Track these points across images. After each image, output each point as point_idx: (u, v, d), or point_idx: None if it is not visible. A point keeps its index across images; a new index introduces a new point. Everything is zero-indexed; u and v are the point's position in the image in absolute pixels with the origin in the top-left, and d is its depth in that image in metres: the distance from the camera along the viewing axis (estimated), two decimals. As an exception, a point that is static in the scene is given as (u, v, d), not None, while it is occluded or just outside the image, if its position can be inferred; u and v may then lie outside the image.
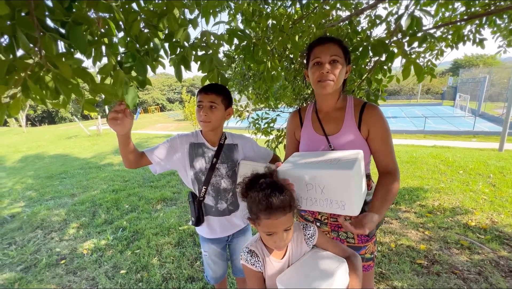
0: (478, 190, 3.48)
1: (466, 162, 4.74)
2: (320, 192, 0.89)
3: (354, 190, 0.85)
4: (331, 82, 1.02)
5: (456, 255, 2.23)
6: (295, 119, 1.25)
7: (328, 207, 0.90)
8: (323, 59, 1.01)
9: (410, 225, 2.74)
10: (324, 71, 1.00)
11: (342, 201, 0.87)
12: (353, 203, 0.86)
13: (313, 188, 0.90)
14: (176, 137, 1.30)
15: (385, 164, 1.06)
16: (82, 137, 11.80)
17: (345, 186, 0.85)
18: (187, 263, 2.36)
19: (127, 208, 3.63)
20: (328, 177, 0.87)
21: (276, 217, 0.77)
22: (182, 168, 1.31)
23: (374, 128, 1.05)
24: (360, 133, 1.07)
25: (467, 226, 2.66)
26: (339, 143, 1.08)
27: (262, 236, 0.85)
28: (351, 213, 0.87)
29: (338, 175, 0.85)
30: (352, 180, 0.84)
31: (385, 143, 1.05)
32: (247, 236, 1.48)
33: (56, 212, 3.65)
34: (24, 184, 5.15)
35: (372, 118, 1.05)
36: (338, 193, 0.87)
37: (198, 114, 1.23)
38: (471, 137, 10.48)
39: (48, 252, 2.69)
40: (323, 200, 0.90)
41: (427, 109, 20.51)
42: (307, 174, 0.91)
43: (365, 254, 1.14)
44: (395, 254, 2.29)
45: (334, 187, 0.87)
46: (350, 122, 1.08)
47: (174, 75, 1.27)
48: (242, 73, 2.75)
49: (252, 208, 0.81)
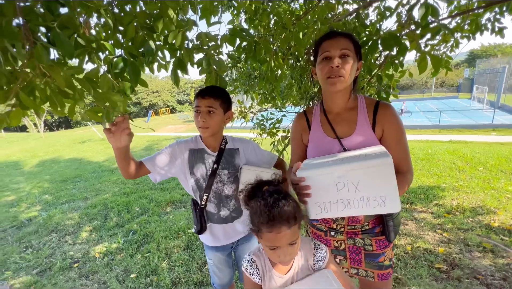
0: (500, 188, 3.28)
1: (486, 157, 4.49)
2: (354, 190, 0.78)
3: (394, 180, 0.75)
4: (342, 79, 0.93)
5: (478, 259, 2.10)
6: (302, 122, 1.15)
7: (365, 207, 0.78)
8: (333, 53, 0.93)
9: (427, 226, 2.61)
10: (333, 65, 0.92)
11: (382, 196, 0.76)
12: (395, 197, 0.75)
13: (345, 186, 0.79)
14: (175, 144, 1.26)
15: (397, 165, 0.97)
16: (95, 141, 12.14)
17: (385, 176, 0.74)
18: (196, 267, 2.34)
19: (137, 210, 3.67)
20: (364, 169, 0.76)
21: (279, 230, 0.70)
22: (182, 175, 1.27)
23: (388, 128, 0.98)
24: (375, 134, 0.99)
25: (490, 227, 2.50)
26: (353, 146, 1.00)
27: (265, 249, 0.79)
28: (393, 209, 0.76)
29: (375, 165, 0.75)
30: (392, 168, 0.74)
31: (398, 143, 0.98)
32: (252, 242, 1.43)
33: (70, 215, 3.74)
34: (41, 188, 5.32)
35: (387, 118, 0.98)
36: (376, 186, 0.76)
37: (196, 120, 1.18)
38: (490, 131, 9.99)
39: (62, 255, 2.75)
40: (358, 199, 0.78)
41: (442, 103, 19.77)
42: (337, 170, 0.79)
43: (384, 261, 1.07)
44: (412, 257, 2.18)
45: (371, 180, 0.76)
46: (363, 123, 1.00)
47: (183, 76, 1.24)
48: (247, 73, 2.70)
49: (254, 219, 0.75)
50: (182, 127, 17.41)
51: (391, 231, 1.03)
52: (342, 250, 1.11)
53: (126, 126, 0.96)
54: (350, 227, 1.06)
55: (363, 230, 1.06)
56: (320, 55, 0.97)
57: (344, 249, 1.10)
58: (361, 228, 1.05)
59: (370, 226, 1.05)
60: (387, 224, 1.02)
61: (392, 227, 1.03)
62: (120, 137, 0.97)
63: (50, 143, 13.43)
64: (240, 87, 2.86)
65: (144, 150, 9.04)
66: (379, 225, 1.05)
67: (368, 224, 1.05)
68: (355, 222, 1.04)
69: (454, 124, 11.59)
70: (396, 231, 1.04)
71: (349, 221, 1.05)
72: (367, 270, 1.08)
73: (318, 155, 1.05)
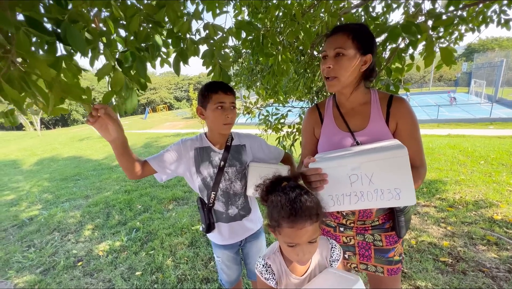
0: (502, 181, 3.30)
1: (487, 151, 4.51)
2: (368, 182, 0.77)
3: (409, 172, 0.73)
4: (336, 79, 0.94)
5: (483, 252, 2.11)
6: (314, 115, 1.13)
7: (379, 200, 0.77)
8: (328, 53, 0.93)
9: (430, 220, 2.62)
10: (325, 66, 0.93)
11: (396, 188, 0.75)
12: (411, 189, 0.74)
13: (358, 178, 0.78)
14: (180, 143, 1.22)
15: (411, 159, 0.96)
16: (94, 139, 12.04)
17: (399, 168, 0.73)
18: (201, 263, 2.33)
19: (139, 208, 3.65)
20: (377, 162, 0.75)
21: (301, 226, 0.68)
22: (188, 174, 1.25)
23: (402, 122, 0.97)
24: (388, 128, 0.98)
25: (493, 220, 2.52)
26: (366, 140, 0.99)
27: (283, 247, 0.77)
28: (408, 202, 0.76)
29: (390, 156, 0.74)
30: (406, 160, 0.73)
31: (412, 137, 0.97)
32: (260, 239, 1.42)
33: (71, 214, 3.71)
34: (40, 186, 5.28)
35: (401, 111, 0.97)
36: (391, 179, 0.75)
37: (221, 117, 1.11)
38: (488, 124, 10.05)
39: (65, 254, 2.74)
40: (372, 192, 0.77)
41: (440, 97, 19.80)
42: (350, 162, 0.78)
43: (394, 256, 1.06)
44: (417, 251, 2.19)
45: (385, 173, 0.75)
46: (377, 117, 0.99)
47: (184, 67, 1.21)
48: (249, 68, 2.66)
49: (273, 213, 0.72)
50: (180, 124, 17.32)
51: (402, 226, 1.02)
52: (351, 246, 1.10)
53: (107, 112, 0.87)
54: (360, 222, 1.05)
55: (373, 225, 1.05)
56: (321, 54, 0.98)
57: (353, 245, 1.09)
58: (371, 224, 1.05)
59: (380, 221, 1.04)
60: (398, 219, 1.01)
61: (403, 222, 1.02)
62: (107, 126, 0.90)
63: (47, 141, 13.32)
64: (242, 82, 2.83)
65: (144, 147, 8.99)
66: (389, 221, 1.05)
67: (379, 220, 1.04)
68: (366, 217, 1.03)
69: (452, 118, 11.63)
70: (406, 227, 1.04)
71: (359, 216, 1.04)
72: (376, 265, 1.07)
73: (330, 149, 1.04)
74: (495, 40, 32.49)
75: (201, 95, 1.15)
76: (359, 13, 1.42)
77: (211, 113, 1.12)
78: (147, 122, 21.32)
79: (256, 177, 1.22)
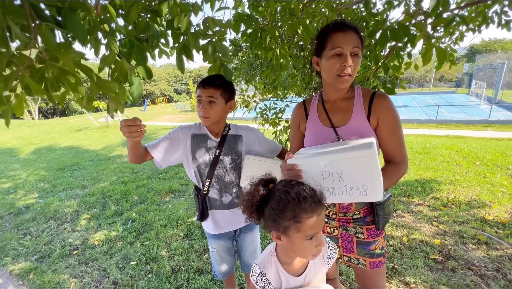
0: (496, 182, 3.33)
1: (483, 152, 4.54)
2: (338, 179, 0.83)
3: (375, 171, 0.79)
4: (350, 77, 0.95)
5: (473, 251, 2.15)
6: (300, 111, 1.18)
7: (348, 195, 0.83)
8: (345, 50, 0.93)
9: (423, 219, 2.66)
10: (347, 64, 0.93)
11: (363, 185, 0.81)
12: (376, 186, 0.80)
13: (330, 175, 0.84)
14: (178, 129, 1.26)
15: (391, 155, 1.01)
16: (92, 130, 12.00)
17: (366, 167, 0.79)
18: (195, 255, 2.36)
19: (136, 199, 3.67)
20: (346, 160, 0.81)
21: (320, 211, 0.70)
22: (185, 160, 1.27)
23: (383, 118, 1.00)
24: (370, 124, 1.01)
25: (484, 220, 2.55)
26: (347, 135, 1.03)
27: (300, 245, 0.72)
28: (374, 198, 0.82)
29: (357, 156, 0.80)
30: (372, 160, 0.78)
31: (393, 133, 1.00)
32: (254, 232, 1.44)
33: (68, 203, 3.72)
34: (37, 175, 5.28)
35: (382, 107, 1.00)
36: (358, 177, 0.81)
37: (198, 110, 1.19)
38: (486, 126, 10.07)
39: (61, 242, 2.76)
40: (342, 187, 0.84)
41: (440, 98, 19.78)
42: (322, 160, 0.84)
43: (375, 249, 1.09)
44: (408, 248, 2.23)
45: (353, 171, 0.81)
46: (359, 113, 1.02)
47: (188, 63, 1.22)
48: (249, 62, 2.65)
49: (286, 212, 0.69)
50: (179, 117, 17.26)
51: (380, 220, 1.05)
52: (334, 237, 1.14)
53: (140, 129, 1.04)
54: (341, 214, 1.10)
55: (354, 218, 1.09)
56: (330, 49, 0.95)
57: (336, 236, 1.14)
58: (352, 216, 1.09)
59: (361, 215, 1.08)
60: (377, 212, 1.05)
61: (381, 216, 1.05)
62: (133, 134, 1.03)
63: (45, 130, 13.25)
64: (241, 76, 2.82)
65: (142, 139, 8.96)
66: (370, 214, 1.08)
67: (360, 213, 1.08)
68: (346, 210, 1.08)
69: (451, 119, 11.64)
70: (385, 220, 1.07)
71: (340, 208, 1.09)
72: (358, 258, 1.11)
73: (314, 144, 1.09)
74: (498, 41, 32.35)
75: None
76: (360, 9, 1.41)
77: (196, 106, 1.22)
78: (146, 114, 21.23)
79: (250, 170, 1.24)
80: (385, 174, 0.93)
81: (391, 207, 1.10)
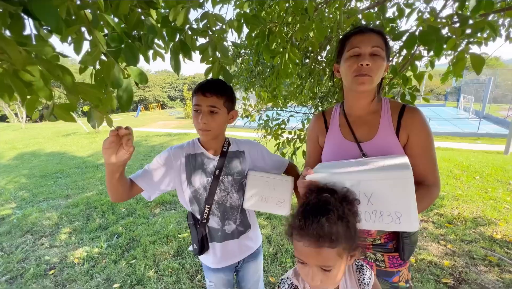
0: (498, 198, 3.26)
1: (481, 166, 4.51)
2: (367, 202, 0.72)
3: (412, 197, 0.67)
4: (370, 78, 0.84)
5: (485, 273, 2.02)
6: (319, 123, 1.06)
7: (378, 222, 0.71)
8: (363, 50, 0.84)
9: (429, 237, 2.53)
10: (364, 63, 0.83)
11: (397, 211, 0.69)
12: (412, 214, 0.68)
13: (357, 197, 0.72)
14: (168, 151, 1.05)
15: (422, 176, 0.88)
16: (81, 135, 11.57)
17: (401, 191, 0.68)
18: (186, 276, 2.14)
19: (123, 211, 3.42)
20: (378, 181, 0.70)
21: (308, 243, 0.59)
22: (179, 186, 1.08)
23: (414, 135, 0.88)
24: (398, 140, 0.89)
25: (493, 239, 2.44)
26: (373, 151, 0.90)
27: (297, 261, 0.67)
28: (409, 227, 0.69)
29: (391, 177, 0.68)
30: (409, 183, 0.66)
31: (425, 152, 0.88)
32: (258, 259, 1.26)
33: (48, 214, 3.43)
34: (17, 183, 4.93)
35: (414, 122, 0.88)
36: (391, 202, 0.69)
37: (196, 121, 0.99)
38: (476, 139, 10.24)
39: (36, 260, 2.48)
40: (371, 212, 0.72)
41: (430, 110, 20.23)
42: (349, 178, 0.72)
43: (399, 282, 0.95)
44: (417, 270, 2.08)
45: (385, 195, 0.69)
46: (386, 127, 0.90)
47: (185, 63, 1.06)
48: (249, 69, 2.52)
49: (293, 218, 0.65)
50: (173, 123, 16.97)
51: (406, 249, 0.92)
52: None
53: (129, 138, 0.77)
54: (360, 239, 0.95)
55: (374, 244, 0.95)
56: (347, 51, 0.87)
57: None
58: (372, 242, 0.95)
59: (382, 240, 0.94)
60: (403, 240, 0.91)
61: (408, 244, 0.92)
62: (120, 150, 0.78)
63: (31, 135, 12.72)
64: (240, 84, 2.69)
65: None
66: (392, 240, 0.94)
67: (381, 239, 0.94)
68: (366, 234, 0.95)
69: (442, 131, 11.82)
70: (412, 249, 0.93)
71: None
72: None
73: (334, 158, 0.96)
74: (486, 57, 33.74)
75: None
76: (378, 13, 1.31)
77: (192, 117, 1.01)
78: (138, 120, 20.82)
79: (255, 188, 1.08)
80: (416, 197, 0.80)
81: (417, 235, 0.97)
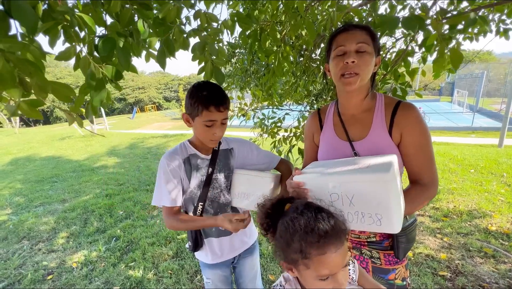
0: (493, 190, 3.31)
1: (476, 160, 4.57)
2: (348, 204, 0.71)
3: (392, 199, 0.66)
4: (357, 76, 0.83)
5: (481, 265, 2.05)
6: (314, 121, 1.06)
7: (359, 223, 0.71)
8: (348, 48, 0.83)
9: (426, 231, 2.56)
10: (349, 60, 0.82)
11: (377, 214, 0.69)
12: (392, 216, 0.67)
13: (339, 198, 0.72)
14: (167, 162, 1.04)
15: (417, 175, 0.87)
16: (76, 138, 11.45)
17: (382, 193, 0.67)
18: (186, 277, 2.14)
19: (121, 214, 3.40)
20: (358, 183, 0.69)
21: (335, 248, 0.55)
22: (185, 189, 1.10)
23: (408, 132, 0.86)
24: (391, 138, 0.88)
25: (488, 231, 2.48)
26: (365, 151, 0.90)
27: (311, 283, 0.59)
28: (390, 229, 0.69)
29: (371, 180, 0.68)
30: (389, 185, 0.66)
31: (420, 150, 0.86)
32: (255, 255, 1.27)
33: (44, 219, 3.40)
34: (12, 188, 4.88)
35: (407, 119, 0.86)
36: (371, 203, 0.69)
37: (208, 134, 1.00)
38: (470, 133, 10.36)
39: (34, 266, 2.46)
40: (352, 213, 0.72)
41: (425, 105, 20.40)
42: (331, 180, 0.73)
43: (395, 279, 0.94)
44: (414, 264, 2.10)
45: (366, 196, 0.69)
46: (379, 126, 0.89)
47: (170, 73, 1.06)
48: (243, 69, 2.52)
49: (293, 244, 0.57)
50: (169, 124, 16.89)
51: (401, 247, 0.91)
52: None
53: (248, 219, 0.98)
54: (354, 235, 0.96)
55: (369, 241, 0.95)
56: (333, 50, 0.87)
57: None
58: (367, 239, 0.95)
59: (377, 238, 0.94)
60: (398, 239, 0.90)
61: (403, 243, 0.91)
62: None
63: (25, 139, 12.56)
64: (235, 83, 2.68)
65: (129, 148, 8.60)
66: (388, 238, 0.94)
67: (375, 236, 0.94)
68: (359, 232, 0.95)
69: (437, 126, 11.93)
70: (407, 248, 0.93)
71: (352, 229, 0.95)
72: None
73: (328, 158, 0.97)
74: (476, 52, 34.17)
75: (190, 103, 0.97)
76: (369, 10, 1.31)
77: (199, 126, 1.00)
78: (134, 122, 20.69)
79: (240, 186, 1.10)
80: (407, 196, 0.80)
81: (414, 233, 0.96)
